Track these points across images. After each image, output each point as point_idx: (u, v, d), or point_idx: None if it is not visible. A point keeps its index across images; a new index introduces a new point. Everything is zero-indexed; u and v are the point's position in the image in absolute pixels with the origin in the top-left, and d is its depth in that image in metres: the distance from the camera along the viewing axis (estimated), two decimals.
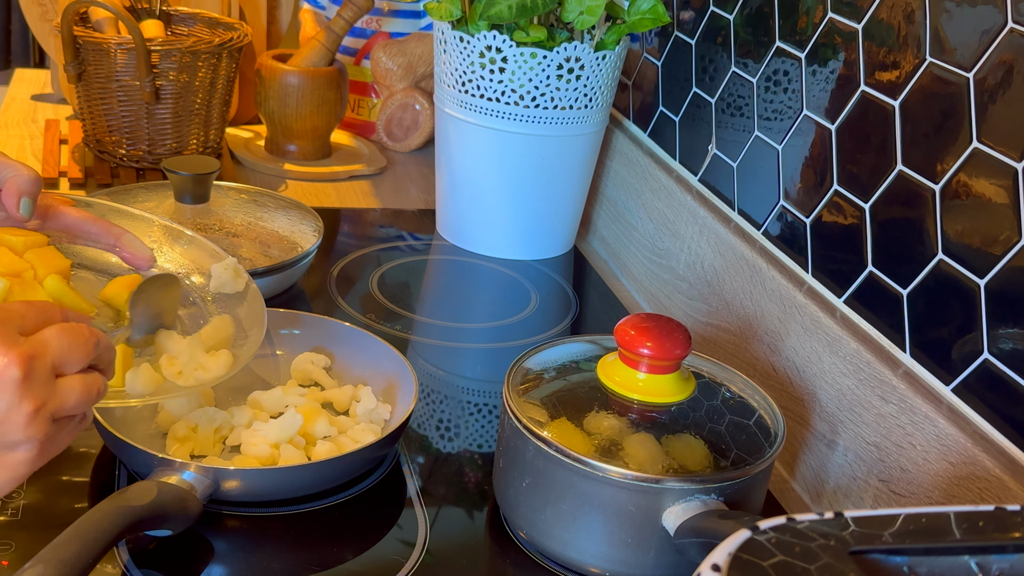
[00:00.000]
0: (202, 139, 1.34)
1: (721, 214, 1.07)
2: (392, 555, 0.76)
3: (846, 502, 0.84)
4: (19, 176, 0.73)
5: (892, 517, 0.45)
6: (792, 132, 0.96)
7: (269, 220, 1.11)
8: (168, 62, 1.25)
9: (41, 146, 1.42)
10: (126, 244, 0.80)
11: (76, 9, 1.24)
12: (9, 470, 0.55)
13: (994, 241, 0.71)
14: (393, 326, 1.08)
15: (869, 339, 0.84)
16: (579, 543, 0.74)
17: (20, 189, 0.73)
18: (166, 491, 0.70)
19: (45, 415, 0.55)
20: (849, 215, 0.87)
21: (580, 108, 1.18)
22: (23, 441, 0.55)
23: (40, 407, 0.54)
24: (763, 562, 0.42)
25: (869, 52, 0.85)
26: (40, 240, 0.79)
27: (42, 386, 0.55)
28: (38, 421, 0.54)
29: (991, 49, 0.72)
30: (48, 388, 0.55)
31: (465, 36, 1.15)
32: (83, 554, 0.61)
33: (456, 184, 1.26)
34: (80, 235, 0.80)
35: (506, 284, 1.22)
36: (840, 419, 0.85)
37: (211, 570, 0.73)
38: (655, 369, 0.76)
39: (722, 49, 1.08)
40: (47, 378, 0.55)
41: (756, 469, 0.73)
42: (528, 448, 0.74)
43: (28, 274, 0.77)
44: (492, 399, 0.98)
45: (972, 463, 0.71)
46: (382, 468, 0.85)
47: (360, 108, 1.62)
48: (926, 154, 0.78)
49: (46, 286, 0.78)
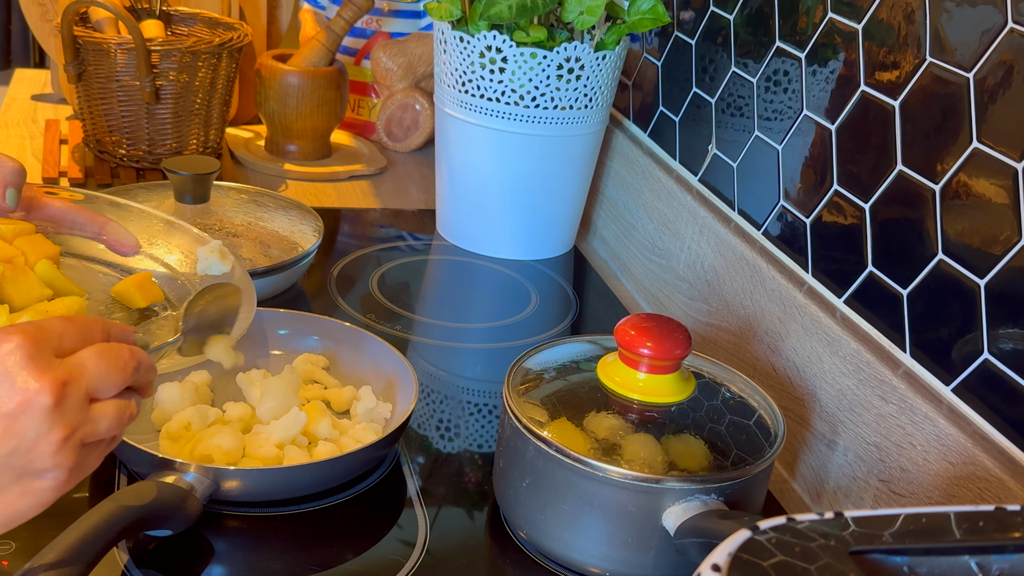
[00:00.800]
0: (202, 139, 1.34)
1: (721, 214, 1.07)
2: (392, 555, 0.76)
3: (846, 502, 0.84)
4: (3, 167, 0.74)
5: (892, 517, 0.45)
6: (792, 132, 0.96)
7: (269, 220, 1.11)
8: (168, 62, 1.25)
9: (41, 146, 1.42)
10: (111, 232, 0.81)
11: (76, 9, 1.24)
12: (34, 496, 0.54)
13: (994, 241, 0.71)
14: (393, 326, 1.08)
15: (869, 339, 0.84)
16: (579, 543, 0.74)
17: (5, 180, 0.73)
18: (166, 491, 0.70)
19: (75, 442, 0.53)
20: (849, 215, 0.87)
21: (580, 108, 1.18)
22: (50, 468, 0.53)
23: (70, 435, 0.53)
24: (763, 562, 0.42)
25: (869, 52, 0.85)
26: (28, 228, 0.80)
27: (75, 413, 0.53)
28: (67, 449, 0.53)
29: (991, 49, 0.72)
30: (81, 415, 0.54)
31: (465, 36, 1.15)
32: (83, 554, 0.61)
33: (456, 184, 1.26)
34: (65, 224, 0.81)
35: (506, 284, 1.22)
36: (840, 419, 0.85)
37: (211, 570, 0.73)
38: (655, 369, 0.76)
39: (722, 49, 1.08)
40: (80, 404, 0.54)
41: (756, 469, 0.73)
42: (528, 448, 0.74)
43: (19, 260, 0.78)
44: (492, 399, 0.98)
45: (972, 463, 0.71)
46: (382, 468, 0.85)
47: (360, 108, 1.62)
48: (926, 154, 0.78)
49: (37, 271, 0.79)
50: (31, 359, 0.52)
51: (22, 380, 0.51)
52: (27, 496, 0.54)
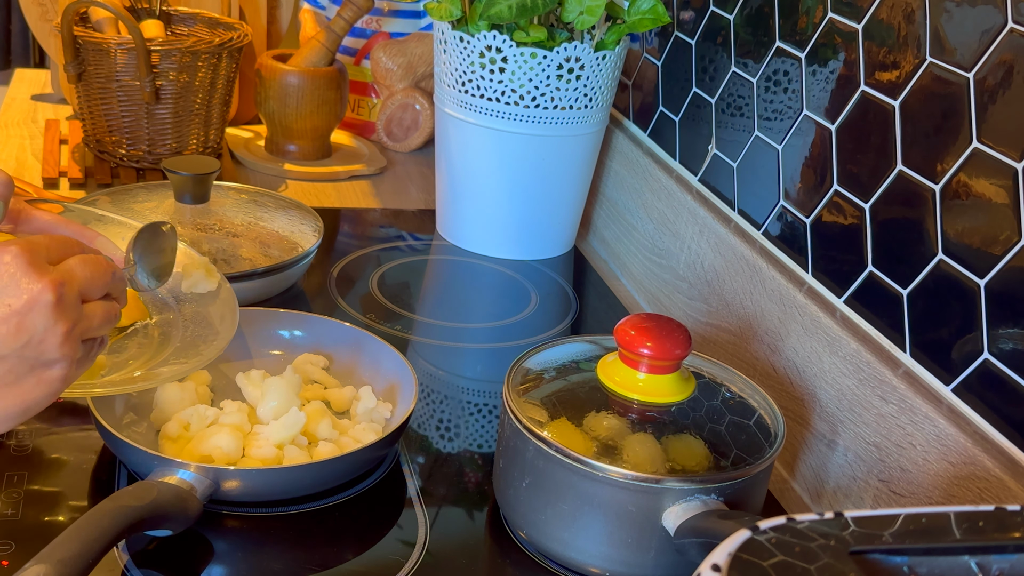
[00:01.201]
0: (202, 139, 1.34)
1: (721, 214, 1.07)
2: (392, 555, 0.76)
3: (846, 502, 0.84)
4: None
5: (892, 517, 0.45)
6: (792, 132, 0.96)
7: (269, 220, 1.11)
8: (168, 62, 1.25)
9: (41, 146, 1.42)
10: (100, 247, 0.81)
11: (76, 9, 1.24)
12: (47, 385, 0.61)
13: (994, 241, 0.71)
14: (393, 326, 1.08)
15: (869, 339, 0.84)
16: (579, 543, 0.74)
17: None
18: (166, 491, 0.70)
19: (76, 335, 0.61)
20: (849, 215, 0.87)
21: (580, 108, 1.18)
22: (59, 359, 0.60)
23: (71, 328, 0.60)
24: (763, 562, 0.42)
25: (869, 52, 0.85)
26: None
27: (72, 309, 0.60)
28: (71, 341, 0.61)
29: (991, 49, 0.72)
30: (77, 311, 0.61)
31: (465, 36, 1.15)
32: (83, 554, 0.61)
33: (456, 184, 1.26)
34: None
35: (506, 284, 1.22)
36: (840, 419, 0.85)
37: (211, 570, 0.73)
38: (655, 369, 0.76)
39: (722, 49, 1.08)
40: (75, 302, 0.61)
41: (756, 469, 0.73)
42: (528, 448, 0.74)
43: None
44: (492, 399, 0.98)
45: (972, 463, 0.71)
46: (382, 468, 0.85)
47: (360, 108, 1.62)
48: (926, 154, 0.78)
49: None
50: (31, 264, 0.59)
51: (26, 282, 0.58)
52: (41, 385, 0.61)
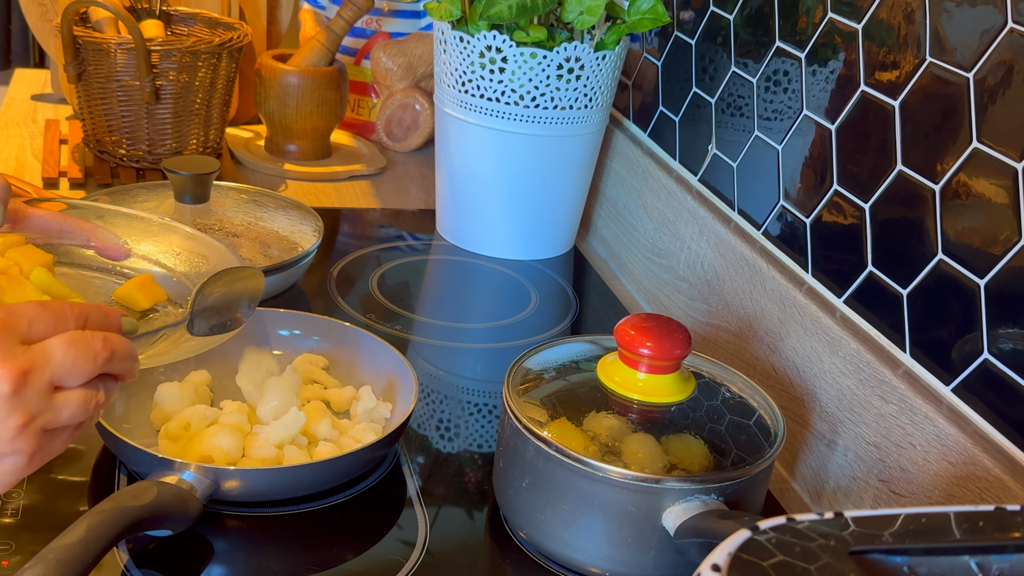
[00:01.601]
0: (202, 139, 1.34)
1: (721, 214, 1.07)
2: (392, 555, 0.76)
3: (846, 502, 0.84)
4: None
5: (892, 517, 0.45)
6: (792, 132, 0.96)
7: (269, 220, 1.11)
8: (168, 62, 1.25)
9: (41, 146, 1.42)
10: (100, 238, 0.80)
11: (76, 9, 1.24)
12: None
13: (994, 241, 0.71)
14: (393, 326, 1.08)
15: (869, 339, 0.84)
16: (579, 543, 0.74)
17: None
18: (166, 491, 0.70)
19: (35, 429, 0.54)
20: (849, 215, 0.87)
21: (580, 108, 1.18)
22: (9, 454, 0.54)
23: (29, 422, 0.54)
24: (763, 562, 0.42)
25: (869, 52, 0.85)
26: (17, 240, 0.80)
27: (35, 401, 0.54)
28: (26, 435, 0.54)
29: (991, 49, 0.72)
30: (41, 403, 0.54)
31: (465, 36, 1.15)
32: (83, 554, 0.61)
33: (456, 184, 1.26)
34: (53, 234, 0.80)
35: (506, 284, 1.22)
36: (840, 419, 0.85)
37: (211, 570, 0.73)
38: (655, 369, 0.76)
39: (722, 49, 1.08)
40: (41, 393, 0.54)
41: (756, 469, 0.73)
42: (528, 448, 0.74)
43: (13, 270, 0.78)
44: (492, 399, 0.98)
45: (972, 463, 0.71)
46: (382, 468, 0.85)
47: (360, 108, 1.62)
48: (926, 154, 0.78)
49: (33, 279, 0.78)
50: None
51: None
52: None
